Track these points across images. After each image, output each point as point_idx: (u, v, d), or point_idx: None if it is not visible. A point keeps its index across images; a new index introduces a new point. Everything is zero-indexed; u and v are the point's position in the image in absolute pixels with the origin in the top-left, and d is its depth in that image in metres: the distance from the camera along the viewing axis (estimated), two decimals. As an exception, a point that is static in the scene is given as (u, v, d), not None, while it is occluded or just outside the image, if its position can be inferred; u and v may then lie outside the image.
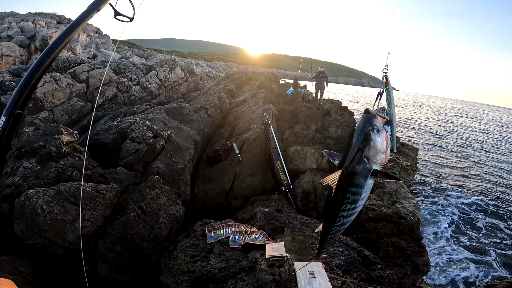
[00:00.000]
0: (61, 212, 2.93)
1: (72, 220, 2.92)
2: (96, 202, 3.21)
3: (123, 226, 3.15)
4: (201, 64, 42.86)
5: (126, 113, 6.98)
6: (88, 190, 3.24)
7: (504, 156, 20.72)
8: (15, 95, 1.09)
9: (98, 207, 3.18)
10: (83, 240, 2.64)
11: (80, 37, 18.41)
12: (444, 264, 6.67)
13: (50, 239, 2.88)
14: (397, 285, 3.19)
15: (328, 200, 1.42)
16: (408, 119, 35.05)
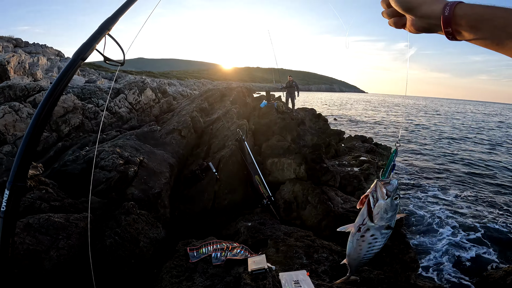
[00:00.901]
0: (33, 243, 2.89)
1: (45, 250, 2.89)
2: (69, 231, 3.17)
3: (101, 253, 3.12)
4: (174, 83, 42.52)
5: (95, 141, 6.69)
6: (58, 221, 3.19)
7: (470, 143, 22.20)
8: (14, 168, 1.10)
9: (71, 236, 3.14)
10: (61, 268, 2.64)
11: (40, 61, 17.63)
12: (436, 257, 6.82)
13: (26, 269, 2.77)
14: (387, 285, 3.23)
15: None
16: (376, 120, 36.74)
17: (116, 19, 1.33)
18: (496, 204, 10.38)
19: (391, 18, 0.78)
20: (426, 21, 0.68)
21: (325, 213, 5.45)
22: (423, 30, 0.71)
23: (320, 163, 6.80)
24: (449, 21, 0.62)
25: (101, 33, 1.26)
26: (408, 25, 0.74)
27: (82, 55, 1.23)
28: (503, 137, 28.38)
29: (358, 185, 7.83)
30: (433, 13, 0.65)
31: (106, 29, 1.28)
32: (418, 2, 0.68)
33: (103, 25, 1.28)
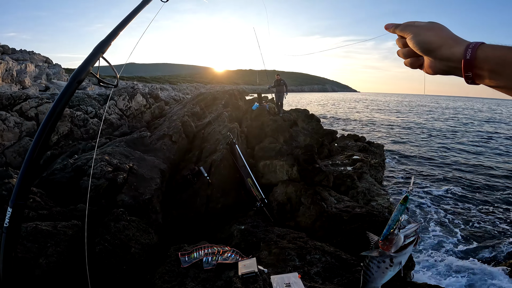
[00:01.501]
0: (22, 251, 2.90)
1: (34, 257, 2.90)
2: (57, 239, 3.18)
3: (91, 259, 3.06)
4: (166, 88, 42.35)
5: (85, 149, 6.60)
6: (46, 229, 3.19)
7: (455, 138, 22.56)
8: (16, 187, 1.16)
9: (60, 244, 3.15)
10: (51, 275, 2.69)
11: (28, 69, 17.35)
12: (431, 255, 6.82)
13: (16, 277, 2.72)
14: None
15: None
16: (369, 120, 37.10)
17: (109, 41, 1.34)
18: (490, 200, 10.52)
19: (408, 59, 0.74)
20: (445, 64, 0.64)
21: (319, 213, 5.44)
22: (441, 72, 0.67)
23: (313, 164, 6.81)
24: (470, 65, 0.58)
25: (96, 55, 1.28)
26: (426, 66, 0.70)
27: (79, 78, 1.23)
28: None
29: (352, 184, 7.87)
30: (453, 56, 0.61)
31: (101, 51, 1.29)
32: (438, 44, 0.64)
33: (98, 47, 1.29)
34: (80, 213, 4.02)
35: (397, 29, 0.72)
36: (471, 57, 0.58)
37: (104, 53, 1.31)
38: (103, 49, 1.30)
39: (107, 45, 1.32)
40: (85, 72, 1.24)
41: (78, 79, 1.22)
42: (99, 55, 1.28)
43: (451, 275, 5.99)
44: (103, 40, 1.33)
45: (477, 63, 0.58)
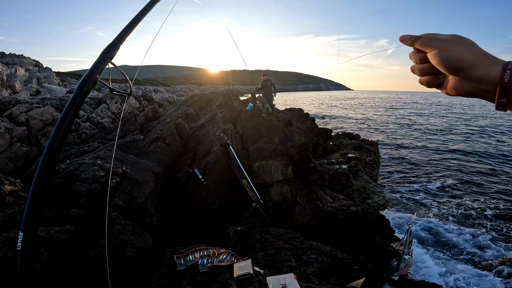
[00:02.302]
0: (15, 256, 2.76)
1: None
2: (51, 244, 3.16)
3: (85, 264, 3.11)
4: (160, 90, 42.08)
5: (77, 154, 6.51)
6: (39, 235, 3.17)
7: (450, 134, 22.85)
8: (26, 211, 1.10)
9: (54, 249, 3.14)
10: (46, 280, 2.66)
11: (18, 73, 17.07)
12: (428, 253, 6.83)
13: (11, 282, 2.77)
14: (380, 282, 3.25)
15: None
16: (364, 117, 37.35)
17: (118, 44, 1.19)
18: (488, 193, 10.65)
19: (425, 76, 0.64)
20: (475, 86, 0.56)
21: (314, 213, 5.45)
22: (467, 94, 0.58)
23: (308, 163, 6.82)
24: (508, 89, 0.50)
25: (103, 61, 1.13)
26: (450, 87, 0.60)
27: (86, 88, 1.08)
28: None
29: (347, 182, 7.90)
30: (488, 77, 0.53)
31: (108, 56, 1.14)
32: (470, 63, 0.54)
33: (105, 52, 1.14)
34: (73, 218, 3.98)
35: (417, 42, 0.62)
36: (509, 81, 0.49)
37: (113, 58, 1.16)
38: (111, 53, 1.15)
39: (116, 49, 1.17)
40: (92, 80, 1.09)
41: (85, 89, 1.07)
42: (107, 60, 1.13)
43: (446, 274, 6.04)
44: (111, 43, 1.17)
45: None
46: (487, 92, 0.55)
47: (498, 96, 0.52)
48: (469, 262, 6.41)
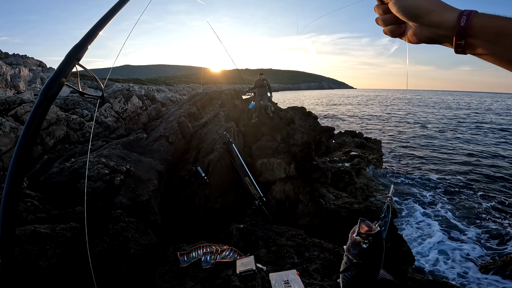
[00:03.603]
0: (21, 253, 2.95)
1: (34, 260, 2.95)
2: (57, 242, 3.21)
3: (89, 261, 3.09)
4: (163, 90, 42.23)
5: (82, 152, 6.58)
6: (44, 232, 3.22)
7: (451, 133, 22.68)
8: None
9: (59, 246, 3.18)
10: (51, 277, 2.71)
11: (22, 73, 17.24)
12: (430, 250, 6.80)
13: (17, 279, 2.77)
14: (380, 281, 3.25)
15: None
16: (367, 114, 37.17)
17: (85, 45, 1.11)
18: (489, 195, 10.57)
19: (388, 26, 0.68)
20: (434, 31, 0.59)
21: (317, 210, 5.46)
22: (426, 40, 0.62)
23: (310, 161, 6.82)
24: (464, 33, 0.54)
25: (69, 63, 1.05)
26: (410, 34, 0.64)
27: (50, 93, 0.98)
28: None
29: (350, 180, 7.89)
30: (445, 22, 0.57)
31: (75, 58, 1.07)
32: (427, 9, 0.58)
33: (71, 53, 1.06)
34: (78, 216, 4.03)
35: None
36: (466, 25, 0.54)
37: (80, 59, 1.08)
38: (78, 55, 1.07)
39: (83, 50, 1.09)
40: (57, 85, 1.00)
41: (50, 95, 0.98)
42: (74, 62, 1.05)
43: (453, 269, 6.02)
44: (77, 44, 1.09)
45: (472, 32, 0.54)
46: (444, 36, 0.58)
47: (456, 38, 0.56)
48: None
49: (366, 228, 1.26)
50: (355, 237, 1.24)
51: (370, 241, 1.22)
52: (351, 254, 1.27)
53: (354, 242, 1.25)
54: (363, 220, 1.26)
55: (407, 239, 6.73)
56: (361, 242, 1.23)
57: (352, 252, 1.27)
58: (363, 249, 1.22)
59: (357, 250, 1.24)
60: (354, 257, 1.26)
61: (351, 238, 1.27)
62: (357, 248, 1.24)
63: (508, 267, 5.20)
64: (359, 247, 1.24)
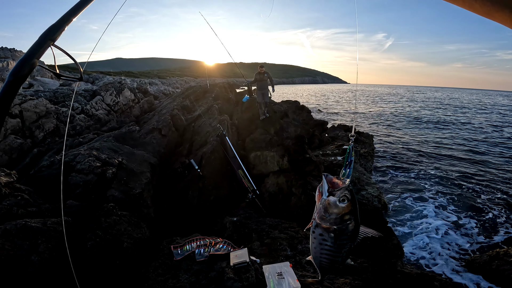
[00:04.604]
0: (13, 248, 2.90)
1: (26, 254, 2.92)
2: (48, 236, 3.17)
3: (83, 255, 3.12)
4: (155, 83, 41.61)
5: (72, 145, 6.47)
6: (35, 226, 3.18)
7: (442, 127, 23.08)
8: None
9: (51, 240, 3.14)
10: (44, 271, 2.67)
11: (10, 66, 16.76)
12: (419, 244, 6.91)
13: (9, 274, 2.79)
14: (371, 273, 3.31)
15: None
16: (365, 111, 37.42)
17: (62, 26, 1.06)
18: (478, 185, 10.84)
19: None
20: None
21: (310, 203, 5.53)
22: None
23: (303, 154, 6.87)
24: None
25: (42, 44, 1.01)
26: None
27: (21, 73, 0.95)
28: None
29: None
30: None
31: (49, 38, 1.02)
32: None
33: (45, 34, 1.02)
34: (70, 209, 3.98)
35: None
36: None
37: (55, 40, 1.03)
38: (53, 35, 1.02)
39: (60, 30, 1.05)
40: (28, 65, 0.96)
41: (20, 74, 0.95)
42: (48, 43, 1.01)
43: (442, 262, 6.15)
44: (54, 24, 1.04)
45: None
46: None
47: None
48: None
49: (336, 184, 1.09)
50: (328, 198, 1.06)
51: (347, 197, 1.08)
52: (327, 220, 1.10)
53: (329, 204, 1.06)
54: (326, 175, 1.11)
55: (397, 232, 6.88)
56: (337, 201, 1.10)
57: (329, 218, 1.10)
58: (342, 209, 1.05)
59: (334, 212, 1.08)
60: (333, 222, 1.10)
61: (321, 202, 1.09)
62: (333, 209, 1.08)
63: (494, 262, 5.36)
64: (335, 208, 1.06)
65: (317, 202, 1.19)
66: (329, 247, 1.23)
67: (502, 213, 8.38)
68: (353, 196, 1.11)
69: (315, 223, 1.22)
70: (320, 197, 1.18)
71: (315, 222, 1.21)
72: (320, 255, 1.30)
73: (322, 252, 1.26)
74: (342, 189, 1.12)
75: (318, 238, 1.23)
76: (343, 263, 1.32)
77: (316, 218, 1.20)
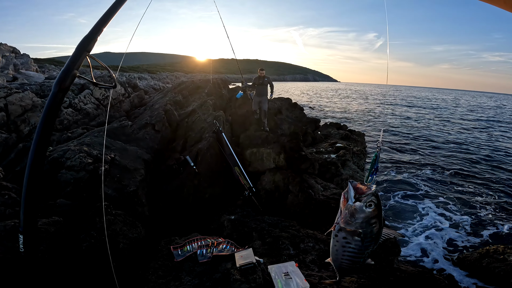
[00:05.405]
0: (2, 251, 2.73)
1: (15, 257, 2.69)
2: (39, 238, 2.97)
3: (78, 257, 2.98)
4: (145, 77, 40.70)
5: (60, 140, 6.20)
6: None
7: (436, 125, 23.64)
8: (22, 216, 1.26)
9: (42, 242, 2.96)
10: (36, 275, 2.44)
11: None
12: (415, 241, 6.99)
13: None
14: (374, 271, 3.31)
15: None
16: (355, 110, 37.83)
17: (95, 37, 1.11)
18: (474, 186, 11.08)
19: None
20: None
21: (307, 201, 5.49)
22: None
23: (299, 151, 6.83)
24: None
25: (80, 55, 1.07)
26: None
27: (64, 85, 1.02)
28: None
29: (336, 171, 8.00)
30: None
31: (85, 50, 1.08)
32: None
33: (81, 45, 1.08)
34: (61, 209, 3.79)
35: None
36: None
37: (90, 51, 1.10)
38: (88, 46, 1.09)
39: (93, 41, 1.09)
40: (70, 76, 1.03)
41: (64, 86, 1.02)
42: (84, 54, 1.08)
43: (436, 259, 6.23)
44: (87, 35, 1.10)
45: None
46: None
47: None
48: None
49: (361, 190, 1.16)
50: (354, 204, 1.14)
51: (374, 202, 1.12)
52: (353, 224, 1.16)
53: (355, 209, 1.14)
54: (352, 181, 1.17)
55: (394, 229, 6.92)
56: (364, 206, 1.12)
57: (355, 222, 1.15)
58: (368, 214, 1.12)
59: (361, 217, 1.14)
60: (359, 226, 1.16)
61: (347, 208, 1.16)
62: (360, 214, 1.13)
63: (484, 259, 5.49)
64: (362, 213, 1.14)
65: (342, 207, 1.22)
66: (352, 249, 1.25)
67: (493, 212, 8.63)
68: (378, 201, 1.16)
69: (339, 227, 1.24)
70: (345, 203, 1.21)
71: (339, 226, 1.23)
72: (342, 257, 1.32)
73: (344, 254, 1.28)
74: (369, 195, 1.15)
75: (341, 241, 1.25)
76: (364, 263, 1.35)
77: (340, 223, 1.22)
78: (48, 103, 1.01)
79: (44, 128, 1.01)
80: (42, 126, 1.01)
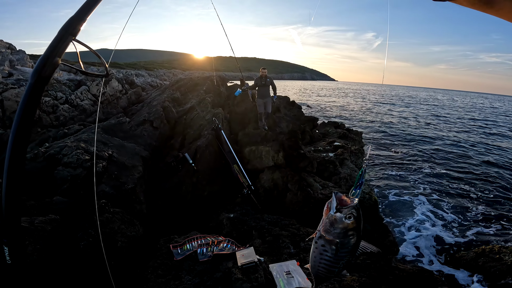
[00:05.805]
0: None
1: None
2: (36, 236, 2.94)
3: (75, 256, 2.93)
4: (142, 74, 40.41)
5: (56, 136, 6.12)
6: (23, 225, 2.88)
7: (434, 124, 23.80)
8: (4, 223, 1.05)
9: (39, 241, 2.92)
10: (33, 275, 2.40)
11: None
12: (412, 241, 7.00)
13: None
14: (374, 270, 3.30)
15: None
16: (350, 108, 37.95)
17: (83, 17, 0.93)
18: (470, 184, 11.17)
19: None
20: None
21: (306, 200, 5.49)
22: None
23: (298, 150, 6.82)
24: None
25: (63, 39, 0.89)
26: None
27: (44, 73, 0.85)
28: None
29: (334, 170, 8.01)
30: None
31: (70, 33, 0.89)
32: None
33: (65, 28, 0.89)
34: (57, 206, 3.73)
35: None
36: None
37: (76, 35, 0.91)
38: (73, 30, 0.90)
39: (79, 24, 0.91)
40: (51, 63, 0.86)
41: (44, 75, 0.85)
42: (69, 38, 0.89)
43: (432, 258, 6.28)
44: (72, 16, 0.91)
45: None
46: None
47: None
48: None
49: (344, 202, 1.17)
50: (335, 214, 1.15)
51: (354, 215, 1.13)
52: (332, 234, 1.18)
53: (335, 219, 1.16)
54: (336, 193, 1.18)
55: (390, 229, 6.95)
56: (343, 217, 1.14)
57: (333, 232, 1.17)
58: (347, 225, 1.14)
59: (339, 227, 1.15)
60: (337, 236, 1.17)
61: (328, 217, 1.17)
62: (339, 225, 1.15)
63: (480, 259, 5.54)
64: (341, 223, 1.15)
65: (324, 216, 1.25)
66: (328, 257, 1.29)
67: (489, 210, 8.70)
68: (359, 214, 1.19)
69: (319, 234, 1.27)
70: (327, 212, 1.23)
71: (319, 233, 1.26)
72: (319, 265, 1.35)
73: (321, 262, 1.32)
74: (350, 207, 1.18)
75: (319, 249, 1.28)
76: (338, 274, 1.39)
77: (320, 230, 1.25)
78: (24, 96, 0.84)
79: (21, 126, 0.83)
80: (18, 123, 0.83)
